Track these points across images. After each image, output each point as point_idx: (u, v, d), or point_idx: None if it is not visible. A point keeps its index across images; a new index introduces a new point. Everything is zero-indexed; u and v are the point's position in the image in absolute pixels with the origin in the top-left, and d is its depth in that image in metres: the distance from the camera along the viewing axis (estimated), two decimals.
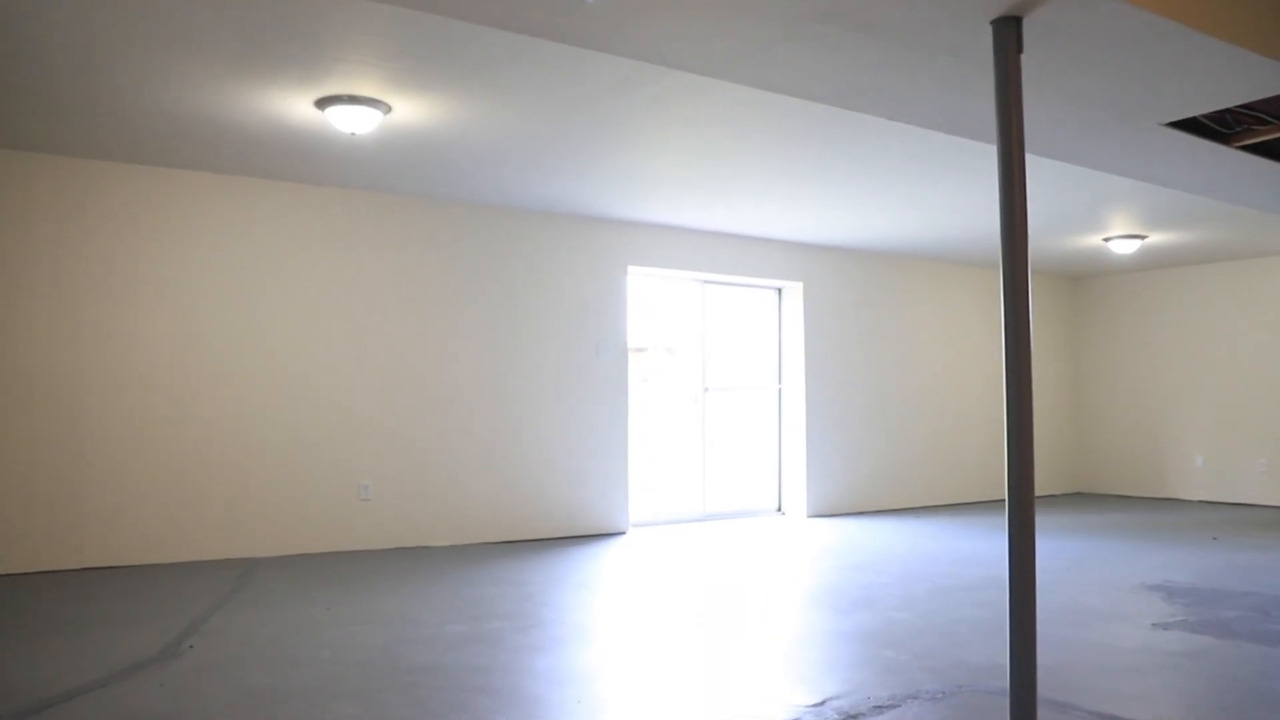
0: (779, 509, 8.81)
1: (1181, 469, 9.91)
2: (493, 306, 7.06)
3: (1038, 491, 10.17)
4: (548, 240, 7.31)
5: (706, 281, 8.44)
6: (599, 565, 6.06)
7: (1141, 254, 9.06)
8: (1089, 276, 10.73)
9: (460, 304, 6.94)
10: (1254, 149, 4.40)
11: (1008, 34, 2.86)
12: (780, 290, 8.89)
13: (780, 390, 8.87)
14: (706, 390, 8.41)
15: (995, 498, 9.92)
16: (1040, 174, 6.17)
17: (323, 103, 4.69)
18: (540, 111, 4.85)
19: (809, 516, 8.53)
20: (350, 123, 4.78)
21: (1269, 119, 4.13)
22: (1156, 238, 8.27)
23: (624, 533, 7.48)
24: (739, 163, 5.88)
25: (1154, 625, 4.34)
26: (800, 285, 8.70)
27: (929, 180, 6.37)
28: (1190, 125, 4.11)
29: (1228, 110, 4.07)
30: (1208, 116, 4.08)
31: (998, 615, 4.52)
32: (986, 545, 6.81)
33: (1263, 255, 9.28)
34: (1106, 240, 8.41)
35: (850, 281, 9.06)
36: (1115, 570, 5.82)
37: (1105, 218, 7.59)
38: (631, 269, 7.76)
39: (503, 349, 7.08)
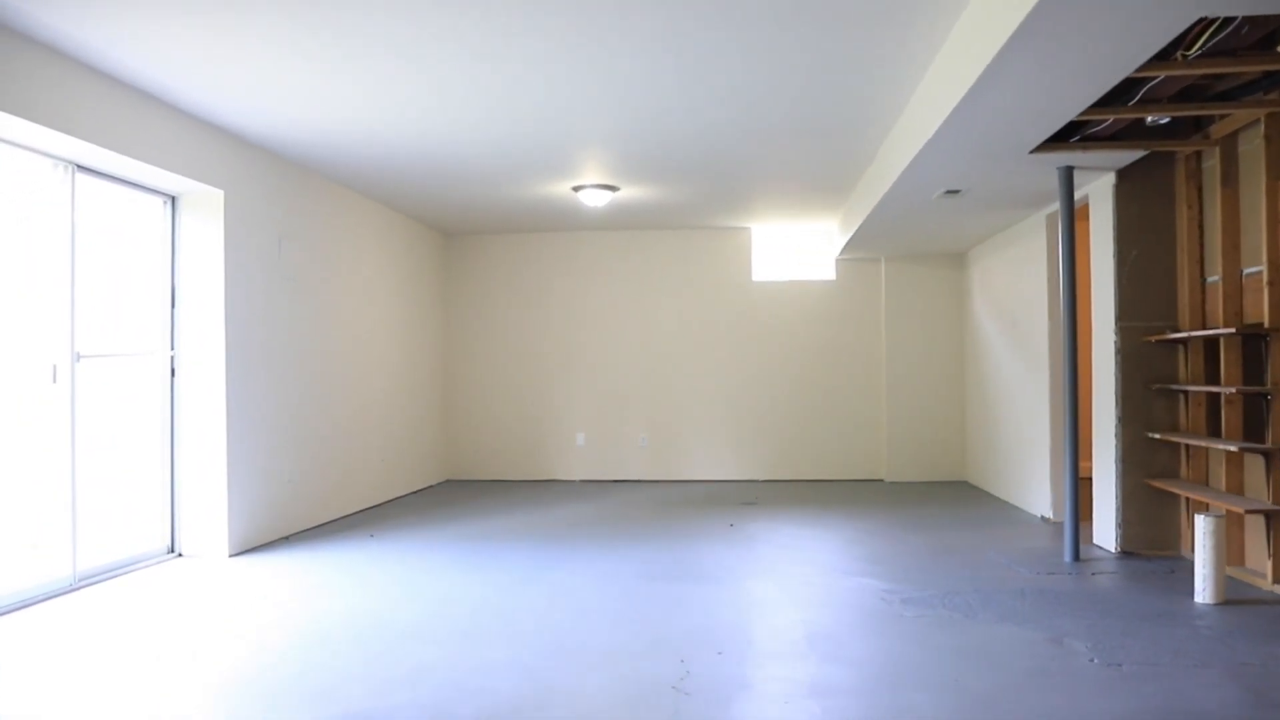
0: (172, 549, 5.54)
1: (563, 449, 9.28)
2: None
3: (403, 490, 8.35)
4: None
5: (81, 168, 4.80)
6: None
7: (613, 210, 8.08)
8: (464, 234, 9.36)
9: None
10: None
11: None
12: (175, 200, 5.59)
13: (174, 359, 5.58)
14: (80, 359, 4.79)
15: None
16: (511, 101, 4.79)
17: None
18: None
19: (233, 555, 5.52)
20: None
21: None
22: (630, 191, 7.40)
23: None
24: None
25: (1091, 664, 3.35)
26: (220, 195, 5.57)
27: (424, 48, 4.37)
28: None
29: None
30: None
31: None
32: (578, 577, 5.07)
33: (664, 227, 9.16)
34: (577, 189, 7.24)
35: (290, 200, 6.22)
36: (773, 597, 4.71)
37: (579, 162, 6.42)
38: None
39: None
